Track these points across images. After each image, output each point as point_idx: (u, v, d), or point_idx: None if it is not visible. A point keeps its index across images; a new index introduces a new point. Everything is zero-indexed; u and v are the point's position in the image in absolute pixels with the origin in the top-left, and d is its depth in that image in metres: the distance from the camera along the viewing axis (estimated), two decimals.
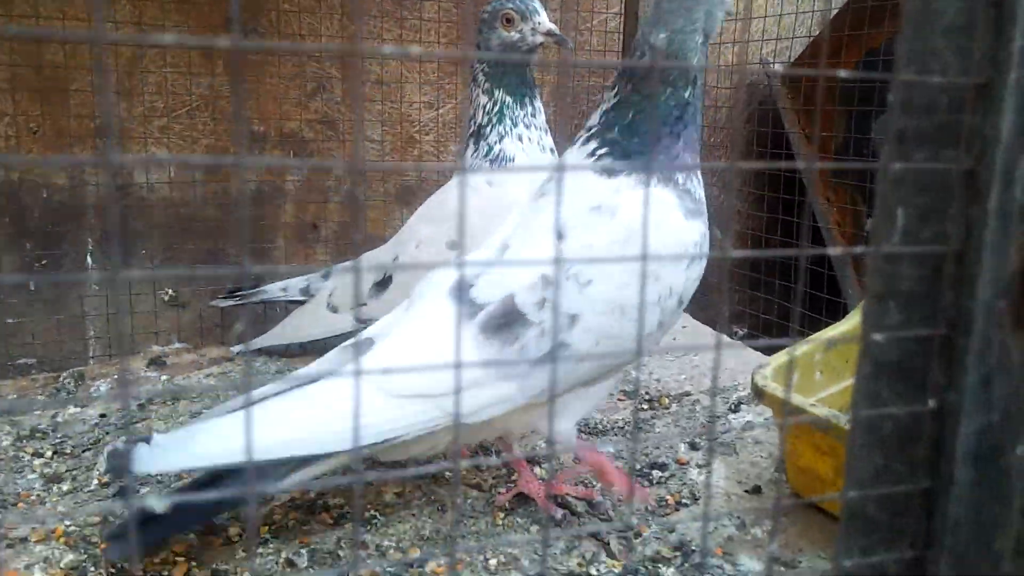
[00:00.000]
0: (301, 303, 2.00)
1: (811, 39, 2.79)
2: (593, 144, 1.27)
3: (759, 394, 1.39)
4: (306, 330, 1.94)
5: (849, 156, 2.66)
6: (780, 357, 1.46)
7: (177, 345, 2.13)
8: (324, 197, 2.41)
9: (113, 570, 1.21)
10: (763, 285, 2.78)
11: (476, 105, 1.69)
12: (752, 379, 1.40)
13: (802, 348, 1.54)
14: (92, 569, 1.23)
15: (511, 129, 1.66)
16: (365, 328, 1.47)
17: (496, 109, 1.66)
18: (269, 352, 2.05)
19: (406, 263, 1.79)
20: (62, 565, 1.24)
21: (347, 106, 2.38)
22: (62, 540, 1.31)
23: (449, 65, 2.49)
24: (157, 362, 2.02)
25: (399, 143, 2.49)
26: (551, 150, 1.71)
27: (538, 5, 1.62)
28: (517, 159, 1.66)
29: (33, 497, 1.47)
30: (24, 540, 1.32)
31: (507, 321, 1.18)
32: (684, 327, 2.30)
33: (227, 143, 2.25)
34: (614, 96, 1.26)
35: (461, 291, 1.20)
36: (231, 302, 2.06)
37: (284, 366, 2.02)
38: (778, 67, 2.94)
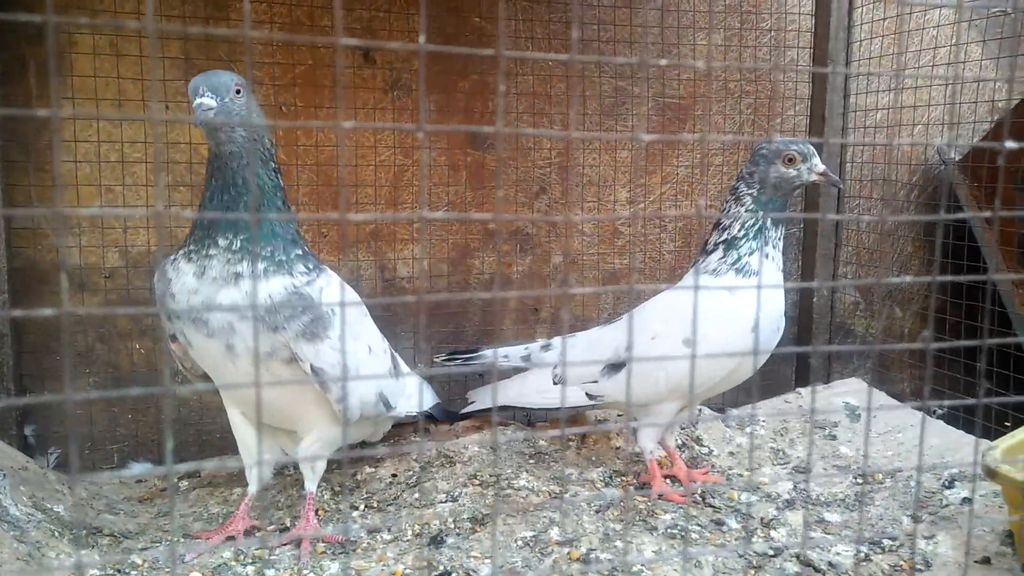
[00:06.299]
0: (521, 370, 2.25)
1: (990, 125, 2.95)
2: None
3: (991, 475, 1.58)
4: (532, 397, 2.18)
5: None
6: (1007, 440, 1.65)
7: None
8: (544, 284, 2.75)
9: None
10: (947, 363, 2.90)
11: (734, 219, 1.87)
12: (983, 460, 1.59)
13: None
14: None
15: (762, 247, 1.85)
16: (595, 403, 2.07)
17: (756, 227, 1.86)
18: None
19: (641, 356, 2.00)
20: None
21: (564, 205, 2.73)
22: None
23: (651, 166, 2.81)
24: (423, 430, 2.38)
25: (606, 235, 2.81)
26: (781, 270, 1.92)
27: (814, 150, 1.85)
28: (759, 273, 1.85)
29: (365, 545, 1.82)
30: None
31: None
32: (880, 404, 2.47)
33: (467, 239, 2.64)
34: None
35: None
36: (452, 364, 2.33)
37: None
38: (954, 154, 3.10)
